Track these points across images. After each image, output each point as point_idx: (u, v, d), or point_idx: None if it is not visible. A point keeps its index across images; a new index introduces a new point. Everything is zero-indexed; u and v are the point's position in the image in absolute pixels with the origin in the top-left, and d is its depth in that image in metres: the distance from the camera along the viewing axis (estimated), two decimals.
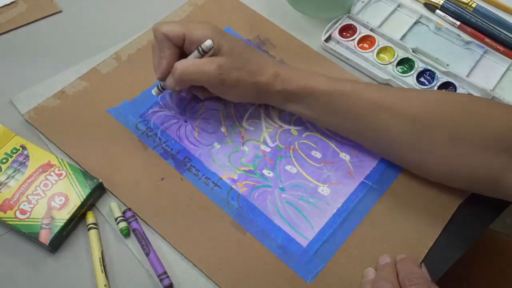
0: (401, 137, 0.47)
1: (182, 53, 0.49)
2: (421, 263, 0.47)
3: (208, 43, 0.47)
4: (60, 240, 0.46)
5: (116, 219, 0.47)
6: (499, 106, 0.48)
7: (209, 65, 0.47)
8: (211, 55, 0.48)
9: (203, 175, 0.50)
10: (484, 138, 0.45)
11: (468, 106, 0.47)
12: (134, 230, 0.47)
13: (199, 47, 0.47)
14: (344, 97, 0.48)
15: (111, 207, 0.48)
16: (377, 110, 0.47)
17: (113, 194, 0.49)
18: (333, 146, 0.53)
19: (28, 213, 0.45)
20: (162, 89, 0.52)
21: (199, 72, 0.47)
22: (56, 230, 0.45)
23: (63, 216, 0.45)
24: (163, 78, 0.50)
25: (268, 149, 0.53)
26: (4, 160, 0.48)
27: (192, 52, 0.48)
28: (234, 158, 0.52)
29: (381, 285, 0.42)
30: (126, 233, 0.47)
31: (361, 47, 0.60)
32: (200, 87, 0.51)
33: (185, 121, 0.54)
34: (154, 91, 0.52)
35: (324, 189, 0.51)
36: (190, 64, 0.47)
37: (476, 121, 0.46)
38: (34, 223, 0.45)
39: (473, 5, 0.65)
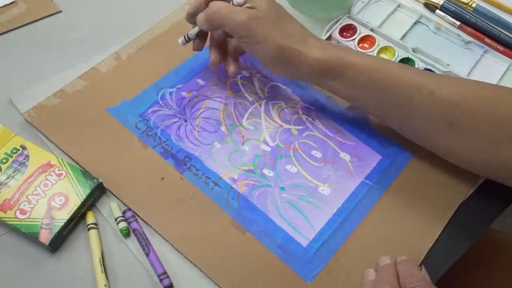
0: (438, 120, 0.46)
1: None
2: (421, 263, 0.46)
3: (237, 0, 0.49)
4: (60, 240, 0.46)
5: (116, 219, 0.47)
6: None
7: (240, 14, 0.48)
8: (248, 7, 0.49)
9: (203, 174, 0.50)
10: None
11: (507, 95, 0.46)
12: (134, 230, 0.46)
13: (232, 0, 0.49)
14: (386, 73, 0.47)
15: (111, 207, 0.48)
16: (417, 92, 0.46)
17: (113, 194, 0.49)
18: (333, 145, 0.53)
19: (28, 213, 0.45)
20: (188, 39, 0.54)
21: (229, 18, 0.48)
22: (56, 230, 0.45)
23: (63, 216, 0.45)
24: (194, 14, 0.51)
25: (268, 149, 0.53)
26: (4, 160, 0.48)
27: None
28: (234, 157, 0.52)
29: (382, 287, 0.42)
30: (126, 233, 0.47)
31: (362, 47, 0.60)
32: (223, 42, 0.54)
33: (185, 121, 0.54)
34: (180, 40, 0.54)
35: (324, 189, 0.50)
36: (223, 6, 0.48)
37: None
38: (34, 223, 0.45)
39: (473, 5, 0.65)
